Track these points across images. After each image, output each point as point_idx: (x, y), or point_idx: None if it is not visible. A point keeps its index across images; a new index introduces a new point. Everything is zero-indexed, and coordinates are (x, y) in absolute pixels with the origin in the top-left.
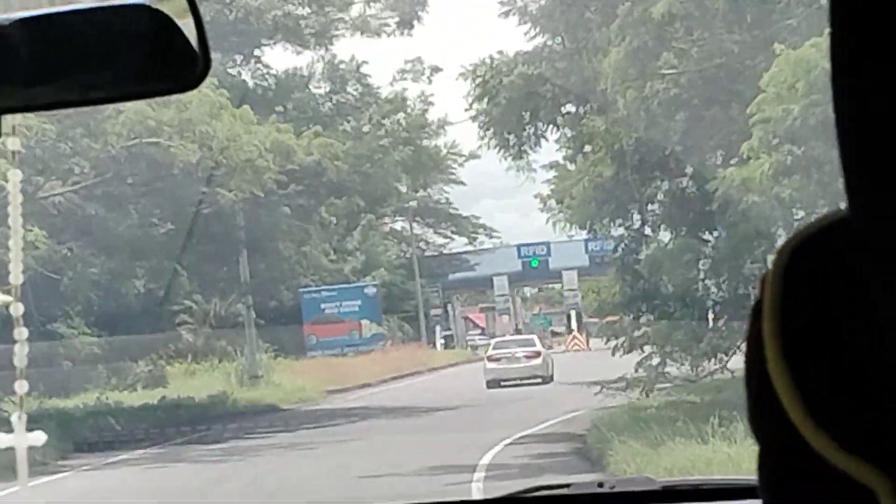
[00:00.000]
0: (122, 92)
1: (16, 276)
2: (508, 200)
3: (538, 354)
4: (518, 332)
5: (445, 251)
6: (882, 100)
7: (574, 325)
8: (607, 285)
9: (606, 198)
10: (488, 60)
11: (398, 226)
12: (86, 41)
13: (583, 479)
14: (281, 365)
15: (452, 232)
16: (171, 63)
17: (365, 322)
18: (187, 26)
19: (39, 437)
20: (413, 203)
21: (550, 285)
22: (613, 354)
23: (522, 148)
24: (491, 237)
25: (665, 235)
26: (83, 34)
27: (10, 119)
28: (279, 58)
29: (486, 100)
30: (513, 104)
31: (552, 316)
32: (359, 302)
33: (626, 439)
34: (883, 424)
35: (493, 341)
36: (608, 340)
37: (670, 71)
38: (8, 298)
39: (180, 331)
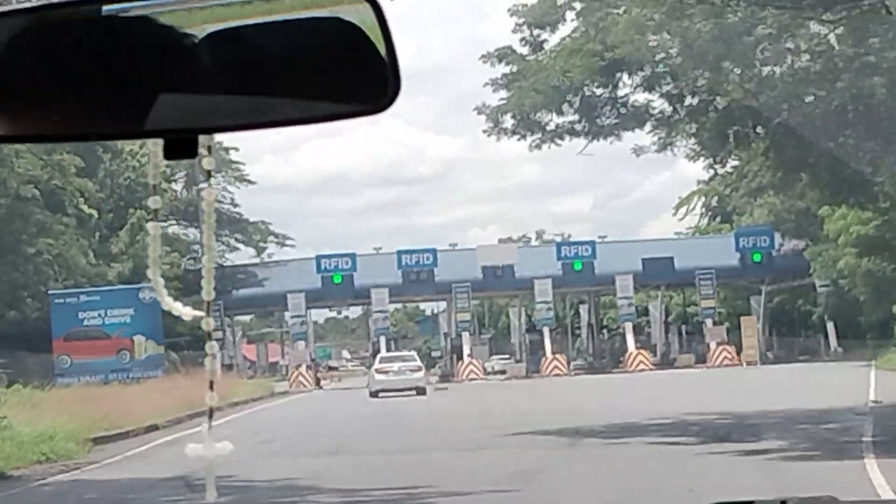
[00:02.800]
0: (312, 113)
1: (208, 293)
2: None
3: (420, 368)
4: (314, 361)
5: (227, 263)
6: None
7: (383, 349)
8: None
9: None
10: None
11: (171, 230)
12: (278, 55)
13: (765, 497)
14: (17, 397)
15: (237, 240)
16: (363, 81)
17: (139, 339)
18: (378, 43)
19: (227, 447)
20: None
21: (348, 310)
22: None
23: None
24: (283, 246)
25: None
26: (274, 47)
27: (206, 139)
28: None
29: None
30: None
31: (335, 347)
32: (131, 311)
33: None
34: None
35: (378, 356)
36: None
37: None
38: (199, 314)
39: None
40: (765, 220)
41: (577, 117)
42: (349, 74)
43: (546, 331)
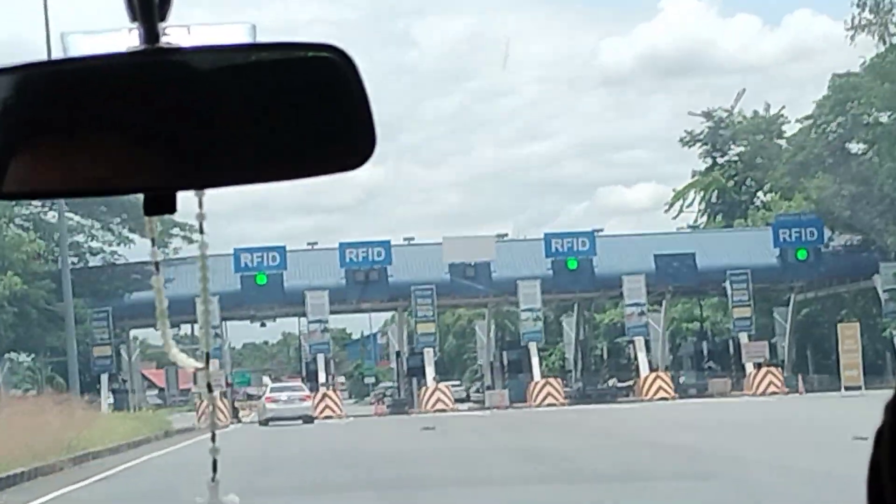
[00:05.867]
0: (287, 171)
1: (206, 345)
2: None
3: (308, 397)
4: (231, 387)
5: (119, 259)
6: None
7: (322, 373)
8: None
9: None
10: None
11: (50, 215)
12: (254, 105)
13: None
14: None
15: (130, 230)
16: (341, 136)
17: None
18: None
19: (233, 501)
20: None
21: (274, 322)
22: None
23: None
24: (192, 241)
25: None
26: (249, 95)
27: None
28: None
29: None
30: None
31: (254, 373)
32: None
33: None
34: None
35: (269, 385)
36: None
37: None
38: (200, 365)
39: None
40: (802, 209)
41: None
42: (328, 128)
43: (533, 347)
